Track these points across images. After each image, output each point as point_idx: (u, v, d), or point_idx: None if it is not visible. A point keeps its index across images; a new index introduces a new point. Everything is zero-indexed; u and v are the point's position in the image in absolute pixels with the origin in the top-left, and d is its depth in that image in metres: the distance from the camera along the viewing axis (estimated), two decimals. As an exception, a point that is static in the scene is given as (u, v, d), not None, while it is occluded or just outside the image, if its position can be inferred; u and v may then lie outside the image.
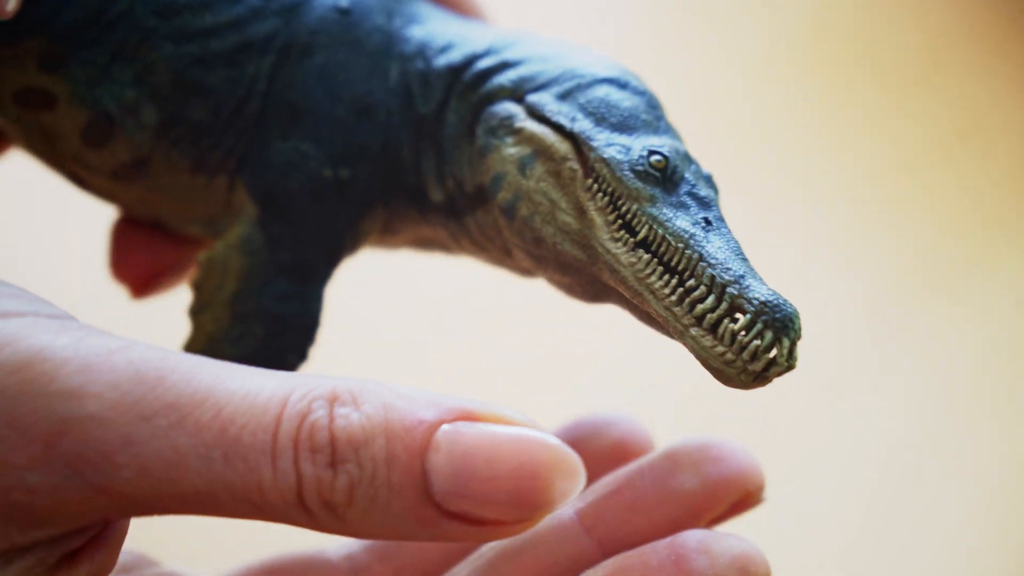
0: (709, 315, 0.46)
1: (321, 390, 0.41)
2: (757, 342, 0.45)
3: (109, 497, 0.39)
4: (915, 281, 1.36)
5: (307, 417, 0.40)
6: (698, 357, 0.47)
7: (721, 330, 0.46)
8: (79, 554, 0.42)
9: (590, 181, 0.50)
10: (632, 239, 0.49)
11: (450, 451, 0.41)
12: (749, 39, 1.49)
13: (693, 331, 0.46)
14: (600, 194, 0.50)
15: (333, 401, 0.41)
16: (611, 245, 0.49)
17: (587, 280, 0.52)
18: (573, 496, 0.42)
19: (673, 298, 0.47)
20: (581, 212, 0.50)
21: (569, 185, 0.51)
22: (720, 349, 0.46)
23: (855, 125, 1.46)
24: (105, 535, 0.43)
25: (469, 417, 0.42)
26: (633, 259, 0.49)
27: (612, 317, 0.58)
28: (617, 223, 0.50)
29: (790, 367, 0.46)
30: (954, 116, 1.48)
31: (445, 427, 0.41)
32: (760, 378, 0.46)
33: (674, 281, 0.48)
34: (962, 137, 1.47)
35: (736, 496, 0.52)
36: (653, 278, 0.48)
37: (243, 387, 0.40)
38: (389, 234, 0.58)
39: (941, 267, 1.37)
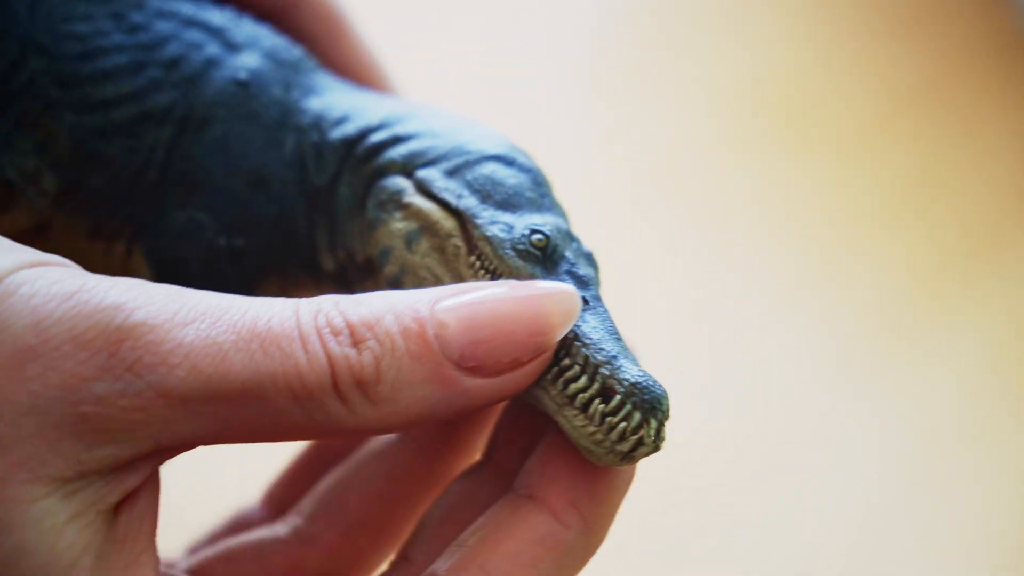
0: (581, 395, 0.48)
1: (325, 297, 0.46)
2: (624, 424, 0.47)
3: (167, 401, 0.43)
4: (883, 327, 1.37)
5: (319, 311, 0.45)
6: (569, 435, 0.48)
7: (592, 410, 0.47)
8: (129, 501, 0.45)
9: (473, 258, 0.52)
10: None
11: (455, 317, 0.46)
12: (711, 88, 1.51)
13: (566, 411, 0.48)
14: (483, 271, 0.52)
15: (337, 302, 0.46)
16: None
17: None
18: (575, 319, 0.48)
19: (548, 377, 0.49)
20: None
21: (453, 261, 0.52)
22: (590, 429, 0.47)
23: (822, 177, 1.48)
24: (151, 484, 0.46)
25: (461, 291, 0.47)
26: None
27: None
28: None
29: (657, 448, 0.47)
30: (921, 165, 1.50)
31: (443, 302, 0.46)
32: (627, 458, 0.47)
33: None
34: (928, 185, 1.49)
35: None
36: None
37: (257, 300, 0.46)
38: None
39: (909, 313, 1.39)
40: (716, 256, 1.37)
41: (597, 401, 0.47)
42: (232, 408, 0.44)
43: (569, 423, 0.48)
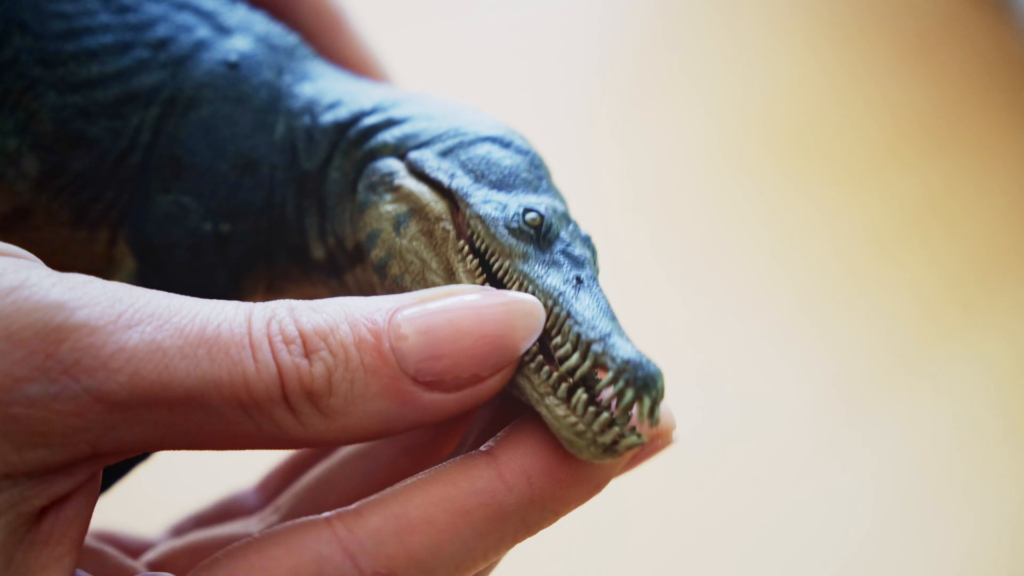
0: (565, 383, 0.45)
1: (280, 302, 0.44)
2: (606, 415, 0.44)
3: (105, 407, 0.41)
4: (886, 356, 1.36)
5: (273, 318, 0.43)
6: (550, 425, 0.45)
7: (574, 400, 0.45)
8: (58, 504, 0.43)
9: (462, 243, 0.50)
10: None
11: (414, 328, 0.44)
12: (717, 111, 1.51)
13: (548, 400, 0.46)
14: (470, 256, 0.49)
15: (292, 309, 0.44)
16: None
17: None
18: (538, 333, 0.46)
19: (532, 366, 0.46)
20: (450, 273, 0.50)
21: (441, 246, 0.50)
22: (572, 420, 0.45)
23: (828, 203, 1.47)
24: (86, 488, 0.43)
25: (422, 300, 0.45)
26: None
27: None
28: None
29: (640, 442, 0.45)
30: (926, 194, 1.49)
31: (403, 312, 0.44)
32: (610, 451, 0.44)
33: (533, 349, 0.47)
34: (933, 214, 1.48)
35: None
36: None
37: (209, 303, 0.43)
38: (272, 294, 0.57)
39: (911, 342, 1.38)
40: (716, 280, 1.36)
41: (580, 391, 0.45)
42: (175, 415, 0.42)
43: (550, 412, 0.45)
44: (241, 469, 0.63)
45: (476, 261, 0.49)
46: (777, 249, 1.42)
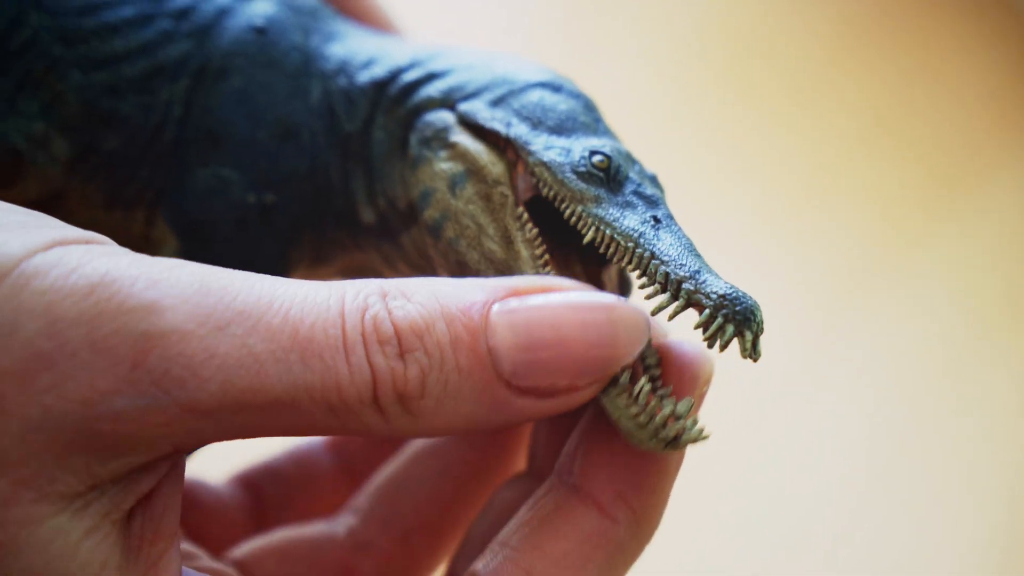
0: (625, 373, 0.44)
1: (371, 286, 0.42)
2: (669, 408, 0.43)
3: (194, 415, 0.39)
4: (856, 265, 1.36)
5: (367, 311, 0.41)
6: (610, 414, 0.44)
7: (637, 390, 0.44)
8: (145, 502, 0.41)
9: (521, 210, 0.48)
10: None
11: (511, 327, 0.42)
12: (658, 45, 1.49)
13: (609, 389, 0.44)
14: (529, 225, 0.48)
15: (384, 295, 0.41)
16: None
17: None
18: (641, 347, 0.43)
19: None
20: (508, 241, 0.48)
21: (499, 211, 0.49)
22: (634, 410, 0.44)
23: (794, 114, 1.46)
24: (169, 478, 0.41)
25: (517, 292, 0.43)
26: None
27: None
28: (543, 259, 0.47)
29: (703, 437, 0.44)
30: (878, 100, 1.49)
31: (497, 306, 0.42)
32: (672, 445, 0.44)
33: None
34: (900, 123, 1.48)
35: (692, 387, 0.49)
36: None
37: (300, 290, 0.41)
38: (320, 263, 0.55)
39: (881, 250, 1.38)
40: (689, 196, 1.35)
41: (644, 379, 0.44)
42: (260, 417, 0.40)
43: (611, 403, 0.44)
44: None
45: (536, 231, 0.48)
46: (732, 174, 1.41)
